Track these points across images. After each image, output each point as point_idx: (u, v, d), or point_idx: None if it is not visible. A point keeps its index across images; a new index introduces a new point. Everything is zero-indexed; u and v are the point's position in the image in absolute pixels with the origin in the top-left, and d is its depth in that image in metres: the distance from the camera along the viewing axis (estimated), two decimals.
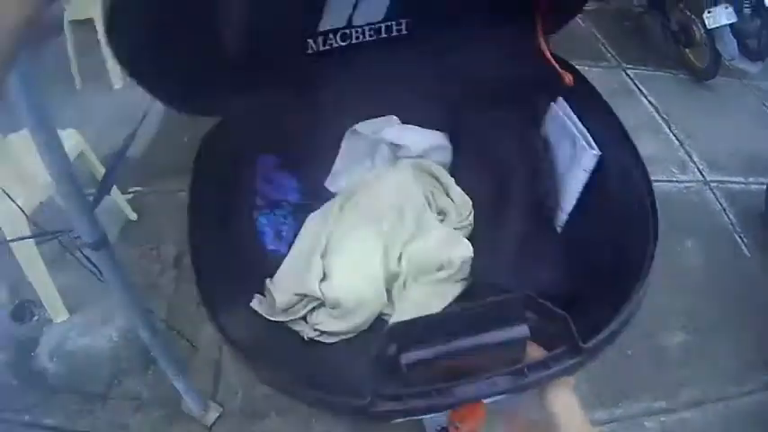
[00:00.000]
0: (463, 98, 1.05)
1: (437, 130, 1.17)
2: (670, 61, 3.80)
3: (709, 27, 3.21)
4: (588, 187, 0.95)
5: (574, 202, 0.99)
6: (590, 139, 0.92)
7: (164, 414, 2.03)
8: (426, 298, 0.91)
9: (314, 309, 0.93)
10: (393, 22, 1.04)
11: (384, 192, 1.08)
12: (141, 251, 2.58)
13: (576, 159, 0.93)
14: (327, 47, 1.04)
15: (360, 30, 1.03)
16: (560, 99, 1.01)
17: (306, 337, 0.94)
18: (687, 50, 3.60)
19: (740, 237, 2.89)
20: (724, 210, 3.02)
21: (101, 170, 2.45)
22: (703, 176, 3.16)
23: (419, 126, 1.16)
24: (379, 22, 1.03)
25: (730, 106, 3.54)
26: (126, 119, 3.31)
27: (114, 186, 2.53)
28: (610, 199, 0.93)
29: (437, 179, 1.23)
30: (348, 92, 1.03)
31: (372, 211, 1.02)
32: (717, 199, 3.07)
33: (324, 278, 0.92)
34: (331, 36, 1.04)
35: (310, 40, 1.03)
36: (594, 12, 4.14)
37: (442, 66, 1.08)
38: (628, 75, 3.67)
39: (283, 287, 0.93)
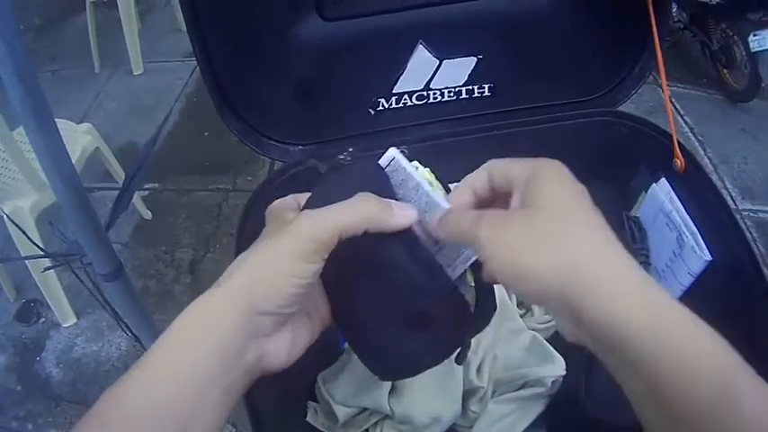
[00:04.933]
0: None
1: None
2: (706, 80, 3.68)
3: (753, 50, 3.08)
4: (690, 289, 0.85)
5: None
6: (700, 239, 0.81)
7: None
8: (508, 415, 0.81)
9: (377, 421, 0.83)
10: (475, 86, 0.94)
11: None
12: (155, 254, 2.48)
13: (680, 259, 0.83)
14: (400, 105, 0.93)
15: (438, 91, 0.94)
16: (663, 180, 0.89)
17: None
18: (725, 71, 3.47)
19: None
20: (754, 240, 2.91)
21: (117, 167, 2.34)
22: (735, 204, 3.05)
23: None
24: (459, 86, 0.94)
25: (766, 130, 3.42)
26: (144, 108, 3.24)
27: None
28: (716, 308, 0.82)
29: None
30: (418, 151, 0.92)
31: None
32: (747, 229, 2.96)
33: (392, 389, 0.81)
34: (406, 97, 0.94)
35: (382, 99, 0.93)
36: None
37: (525, 128, 0.97)
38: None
39: (345, 399, 0.82)
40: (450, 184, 0.55)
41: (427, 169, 0.56)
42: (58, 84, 3.28)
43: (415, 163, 0.55)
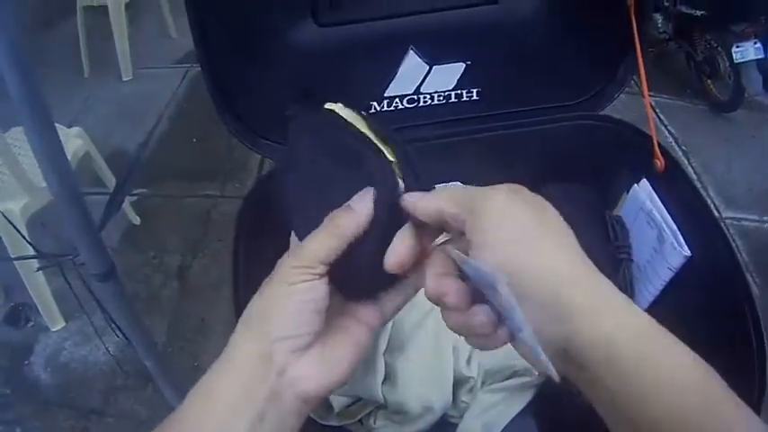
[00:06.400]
0: (532, 167, 0.98)
1: None
2: (690, 91, 3.73)
3: (736, 61, 3.14)
4: (670, 284, 0.88)
5: (651, 298, 0.91)
6: (679, 236, 0.84)
7: None
8: (497, 404, 0.84)
9: (371, 411, 0.85)
10: (464, 90, 0.98)
11: None
12: (144, 259, 2.48)
13: (661, 254, 0.86)
14: (391, 108, 0.97)
15: (428, 95, 0.98)
16: (644, 181, 0.93)
17: None
18: (710, 82, 3.53)
19: (752, 276, 2.82)
20: (737, 248, 2.96)
21: (106, 172, 2.35)
22: (719, 212, 3.09)
23: None
24: (448, 90, 0.98)
25: (749, 140, 3.47)
26: (134, 113, 3.25)
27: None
28: (696, 302, 0.86)
29: None
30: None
31: None
32: (731, 237, 3.01)
33: (386, 379, 0.84)
34: (397, 100, 0.97)
35: (374, 102, 0.96)
36: None
37: (511, 131, 1.00)
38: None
39: (341, 389, 0.84)
40: (438, 185, 0.54)
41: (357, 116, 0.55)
42: (48, 88, 3.26)
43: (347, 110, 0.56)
